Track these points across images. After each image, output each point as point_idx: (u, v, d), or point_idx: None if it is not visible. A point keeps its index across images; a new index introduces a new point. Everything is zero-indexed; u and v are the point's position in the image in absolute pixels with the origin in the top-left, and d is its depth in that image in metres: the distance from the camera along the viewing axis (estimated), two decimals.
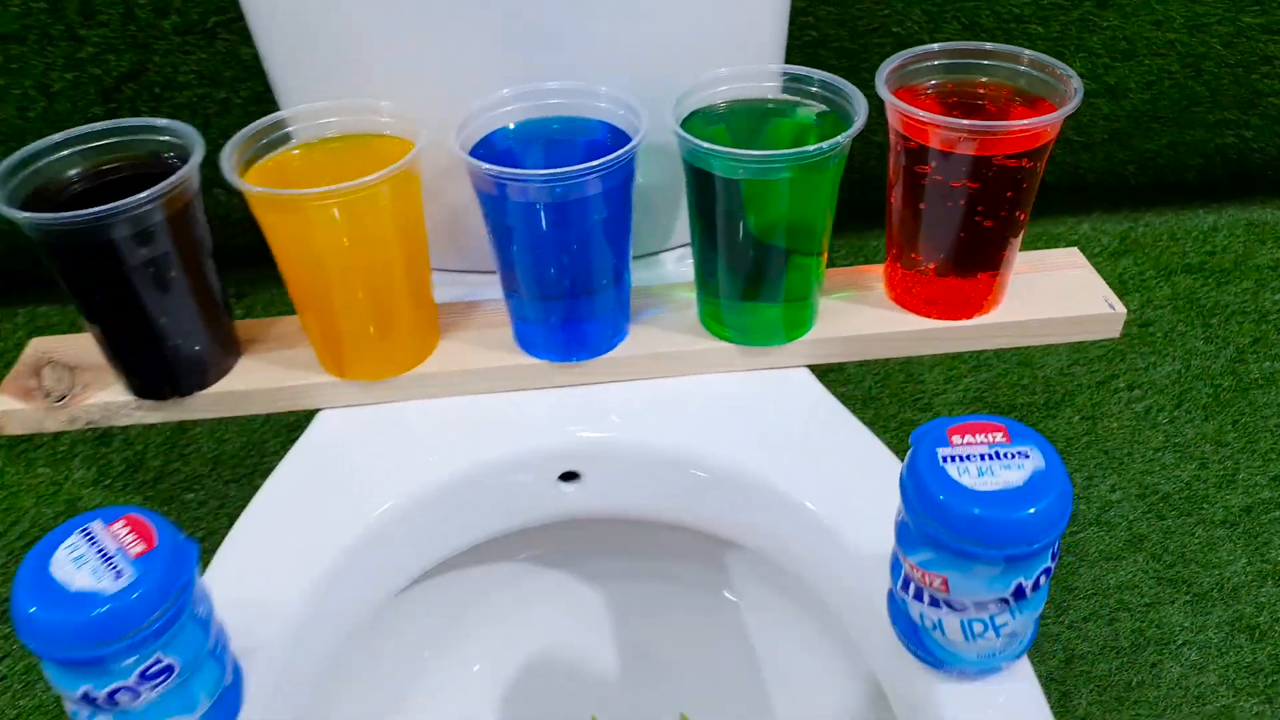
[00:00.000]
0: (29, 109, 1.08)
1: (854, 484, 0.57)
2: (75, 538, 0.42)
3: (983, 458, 0.43)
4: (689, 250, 0.69)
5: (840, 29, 1.09)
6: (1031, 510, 0.41)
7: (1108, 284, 0.66)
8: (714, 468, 0.60)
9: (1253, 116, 1.20)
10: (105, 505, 1.01)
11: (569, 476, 0.62)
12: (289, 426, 1.13)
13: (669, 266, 0.72)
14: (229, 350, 0.64)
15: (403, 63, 0.63)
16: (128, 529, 0.43)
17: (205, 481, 1.06)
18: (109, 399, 0.62)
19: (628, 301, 0.65)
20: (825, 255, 0.63)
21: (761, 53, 0.66)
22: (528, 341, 0.64)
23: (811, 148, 0.54)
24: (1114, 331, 0.64)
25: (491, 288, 0.67)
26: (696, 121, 0.59)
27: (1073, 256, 0.68)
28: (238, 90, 1.08)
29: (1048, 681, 0.87)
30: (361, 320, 0.60)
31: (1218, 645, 0.90)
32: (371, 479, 0.60)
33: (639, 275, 0.69)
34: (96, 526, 0.43)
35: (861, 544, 0.54)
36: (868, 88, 0.59)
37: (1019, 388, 1.11)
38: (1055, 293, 0.65)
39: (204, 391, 0.63)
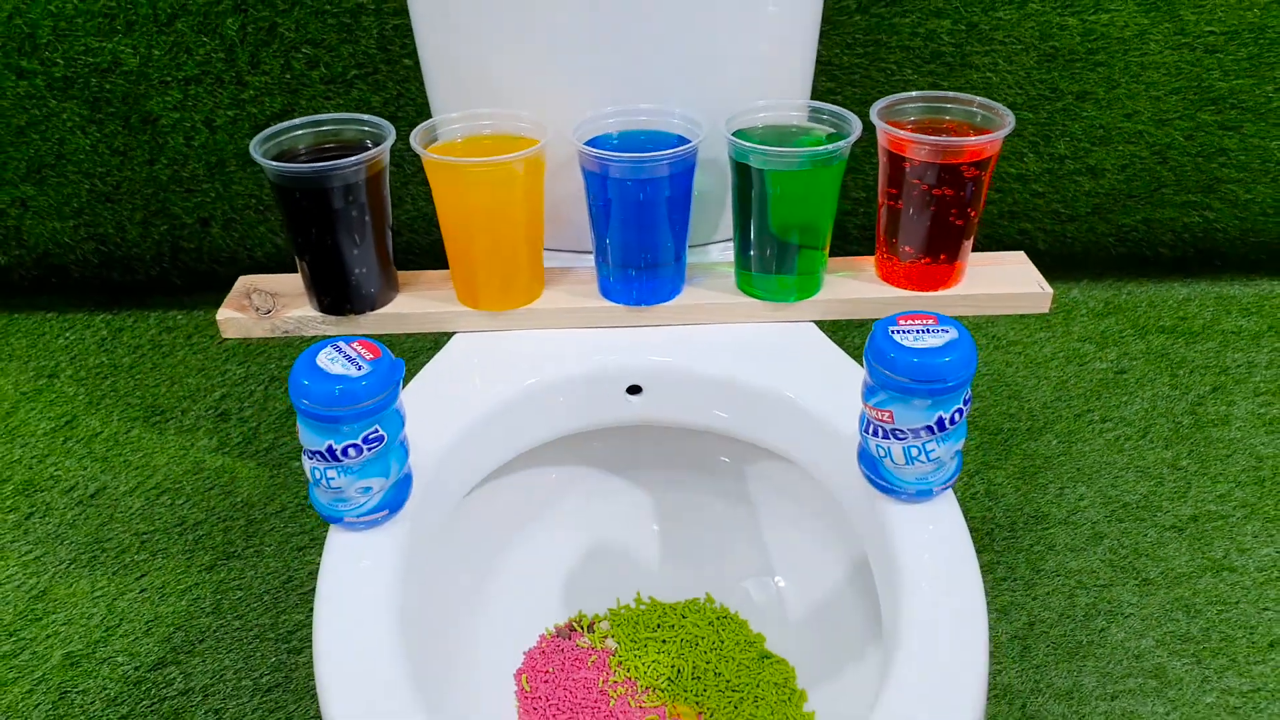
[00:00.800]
0: (194, 138, 1.39)
1: (840, 394, 0.83)
2: (329, 348, 0.69)
3: (918, 332, 0.69)
4: (729, 244, 0.97)
5: (863, 107, 1.38)
6: (947, 359, 0.67)
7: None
8: (741, 385, 0.86)
9: (1213, 200, 1.47)
10: (225, 469, 1.29)
11: (634, 390, 0.88)
12: None
13: (714, 255, 0.99)
14: (392, 286, 0.92)
15: (531, 91, 0.91)
16: (363, 346, 0.69)
17: None
18: (302, 314, 0.90)
19: (684, 269, 0.92)
20: (828, 247, 0.90)
21: (790, 94, 0.94)
22: (609, 292, 0.91)
23: (820, 148, 0.82)
24: (1043, 307, 0.90)
25: (582, 261, 0.95)
26: (740, 136, 0.87)
27: (1018, 256, 0.94)
28: None
29: (1011, 639, 1.10)
30: (492, 263, 0.88)
31: (1158, 618, 1.12)
32: (492, 379, 0.86)
33: (691, 258, 0.96)
34: (342, 344, 0.70)
35: (842, 429, 0.80)
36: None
37: (1007, 415, 1.36)
38: (1002, 278, 0.92)
39: (374, 312, 0.90)
